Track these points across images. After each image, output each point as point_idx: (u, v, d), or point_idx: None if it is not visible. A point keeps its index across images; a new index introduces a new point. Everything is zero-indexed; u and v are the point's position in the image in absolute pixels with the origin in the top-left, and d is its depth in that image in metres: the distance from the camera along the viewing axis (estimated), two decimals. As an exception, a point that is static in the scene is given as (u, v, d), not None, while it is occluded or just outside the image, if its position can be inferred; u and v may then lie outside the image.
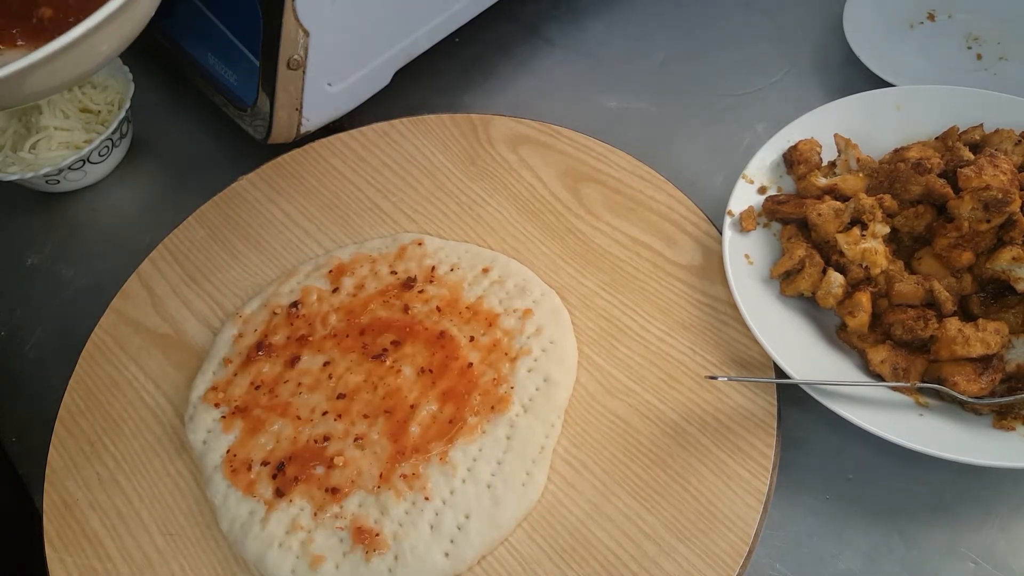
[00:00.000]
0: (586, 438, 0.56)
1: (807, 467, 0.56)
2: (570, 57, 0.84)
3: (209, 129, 0.83)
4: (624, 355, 0.59)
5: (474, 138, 0.74)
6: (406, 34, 0.75)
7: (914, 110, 0.65)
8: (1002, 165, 0.55)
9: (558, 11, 0.88)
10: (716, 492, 0.52)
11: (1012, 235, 0.54)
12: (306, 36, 0.66)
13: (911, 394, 0.54)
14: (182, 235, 0.72)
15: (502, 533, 0.52)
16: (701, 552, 0.50)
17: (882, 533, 0.53)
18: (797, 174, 0.64)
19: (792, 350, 0.55)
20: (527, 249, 0.66)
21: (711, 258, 0.63)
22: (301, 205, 0.72)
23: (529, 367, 0.58)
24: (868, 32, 0.76)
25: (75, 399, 0.63)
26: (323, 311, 0.63)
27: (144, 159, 0.82)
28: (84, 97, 0.79)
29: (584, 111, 0.78)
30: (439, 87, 0.83)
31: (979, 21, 0.77)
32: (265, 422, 0.58)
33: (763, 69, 0.79)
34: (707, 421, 0.55)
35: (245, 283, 0.68)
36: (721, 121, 0.76)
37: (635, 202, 0.67)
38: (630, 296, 0.62)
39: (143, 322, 0.67)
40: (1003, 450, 0.50)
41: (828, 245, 0.59)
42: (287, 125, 0.72)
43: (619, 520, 0.52)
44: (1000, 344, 0.53)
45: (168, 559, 0.55)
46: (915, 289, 0.56)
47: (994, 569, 0.51)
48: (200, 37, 0.76)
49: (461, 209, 0.70)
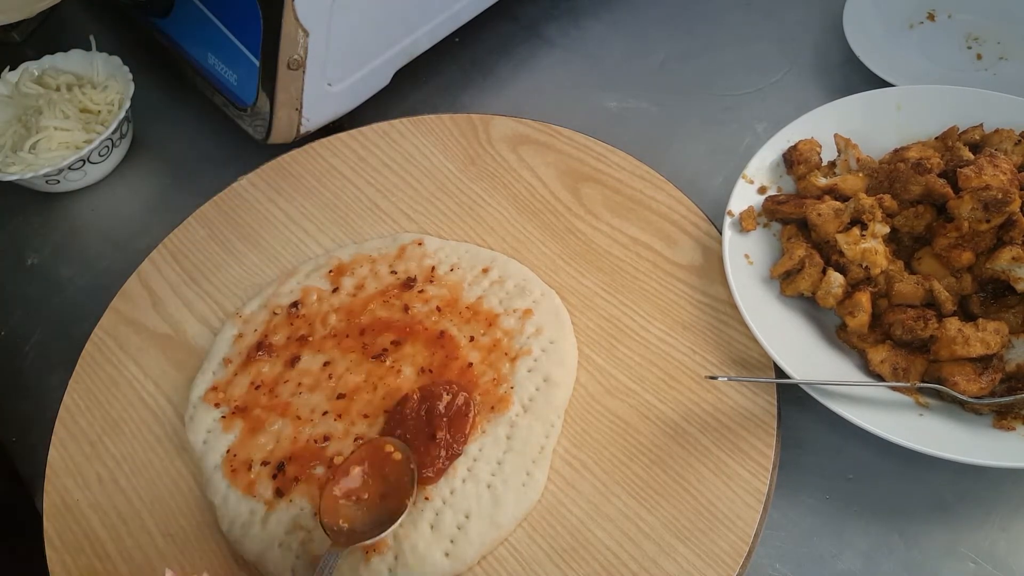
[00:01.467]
0: (586, 438, 0.56)
1: (807, 467, 0.56)
2: (570, 57, 0.84)
3: (209, 129, 0.83)
4: (624, 355, 0.59)
5: (474, 138, 0.74)
6: (406, 34, 0.75)
7: (914, 110, 0.65)
8: (1002, 165, 0.55)
9: (558, 11, 0.88)
10: (716, 492, 0.52)
11: (1012, 235, 0.54)
12: (306, 36, 0.66)
13: (911, 394, 0.54)
14: (182, 235, 0.72)
15: (502, 533, 0.52)
16: (701, 552, 0.50)
17: (882, 533, 0.53)
18: (797, 174, 0.64)
19: (792, 350, 0.55)
20: (527, 249, 0.66)
21: (711, 258, 0.63)
22: (301, 205, 0.72)
23: (529, 367, 0.58)
24: (868, 32, 0.76)
25: (75, 399, 0.63)
26: (323, 311, 0.63)
27: (144, 159, 0.82)
28: (84, 97, 0.79)
29: (584, 111, 0.78)
30: (439, 87, 0.83)
31: (979, 21, 0.77)
32: (265, 422, 0.58)
33: (763, 69, 0.79)
34: (707, 421, 0.55)
35: (245, 283, 0.68)
36: (721, 121, 0.76)
37: (635, 202, 0.67)
38: (630, 296, 0.62)
39: (143, 322, 0.67)
40: (1003, 450, 0.50)
41: (828, 245, 0.59)
42: (287, 125, 0.72)
43: (619, 520, 0.52)
44: (1000, 344, 0.53)
45: (168, 559, 0.55)
46: (915, 289, 0.56)
47: (994, 569, 0.51)
48: (200, 37, 0.76)
49: (461, 209, 0.70)
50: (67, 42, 0.84)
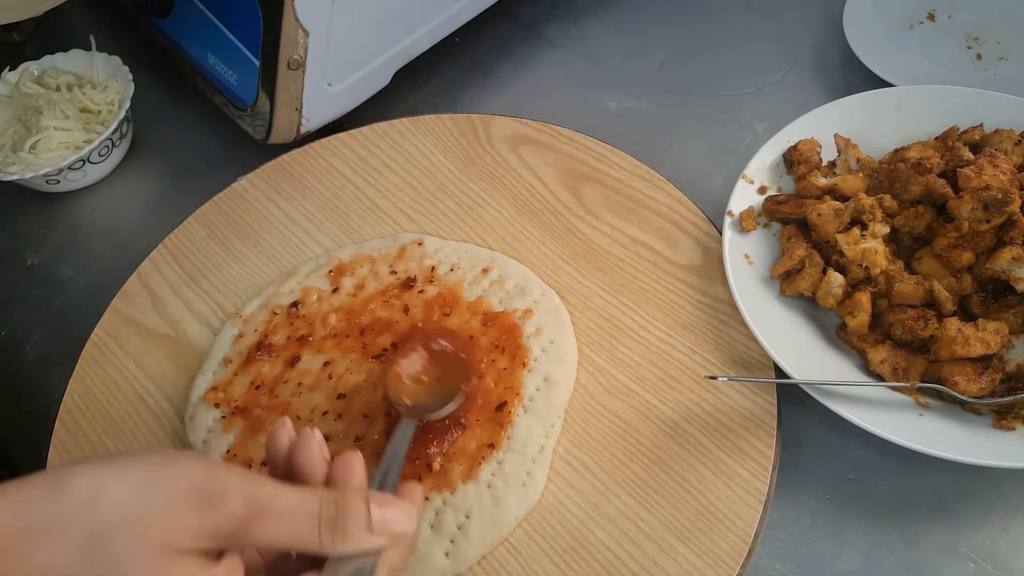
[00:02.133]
0: (586, 438, 0.56)
1: (807, 467, 0.56)
2: (570, 57, 0.84)
3: (209, 129, 0.83)
4: (624, 355, 0.59)
5: (474, 138, 0.74)
6: (406, 34, 0.75)
7: (914, 110, 0.65)
8: (1002, 165, 0.55)
9: (558, 11, 0.88)
10: (716, 492, 0.52)
11: (1012, 235, 0.54)
12: (306, 36, 0.66)
13: (911, 394, 0.54)
14: (182, 235, 0.72)
15: (502, 533, 0.52)
16: (701, 552, 0.50)
17: (882, 533, 0.53)
18: (797, 174, 0.64)
19: (792, 350, 0.55)
20: (527, 249, 0.66)
21: (711, 258, 0.63)
22: (301, 205, 0.72)
23: (529, 367, 0.58)
24: (868, 32, 0.76)
25: (75, 399, 0.63)
26: (323, 311, 0.63)
27: (144, 159, 0.82)
28: (84, 97, 0.79)
29: (584, 111, 0.78)
30: (439, 87, 0.83)
31: (979, 21, 0.77)
32: (265, 422, 0.58)
33: (763, 69, 0.79)
34: (707, 421, 0.55)
35: (245, 283, 0.68)
36: (721, 121, 0.76)
37: (635, 202, 0.67)
38: (630, 296, 0.62)
39: (143, 322, 0.67)
40: (1003, 450, 0.50)
41: (828, 245, 0.59)
42: (287, 125, 0.72)
43: (619, 520, 0.52)
44: (1000, 344, 0.53)
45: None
46: (915, 289, 0.56)
47: (994, 569, 0.51)
48: (200, 37, 0.76)
49: (461, 209, 0.70)
50: (67, 42, 0.84)
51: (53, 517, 0.34)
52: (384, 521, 0.39)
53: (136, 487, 0.35)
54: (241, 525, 0.36)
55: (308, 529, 0.37)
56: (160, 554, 0.34)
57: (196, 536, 0.35)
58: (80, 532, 0.34)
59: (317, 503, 0.38)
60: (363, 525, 0.38)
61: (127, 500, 0.35)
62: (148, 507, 0.35)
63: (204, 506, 0.36)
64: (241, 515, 0.36)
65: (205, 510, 0.36)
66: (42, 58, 0.83)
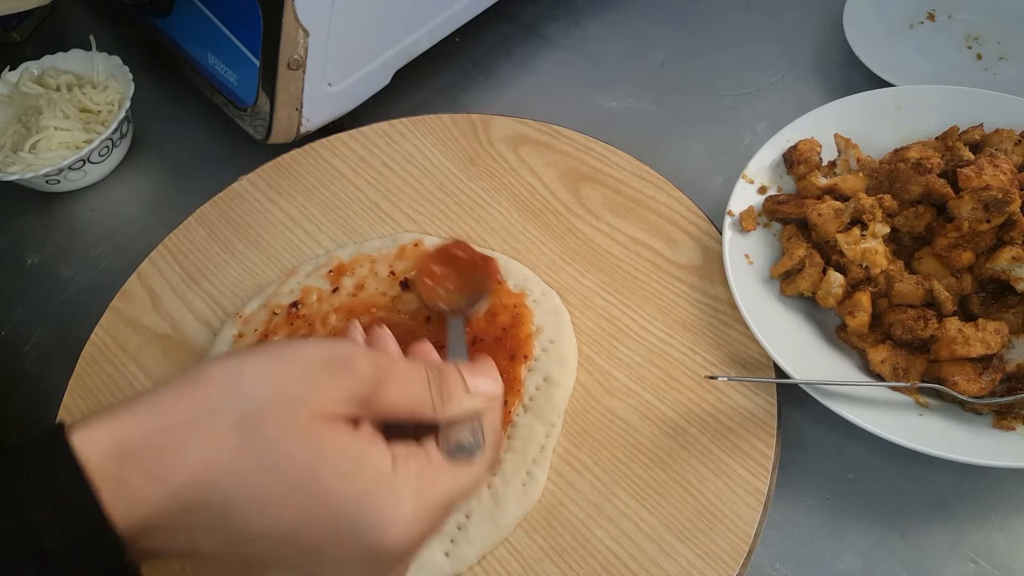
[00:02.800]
0: (586, 438, 0.56)
1: (807, 467, 0.56)
2: (570, 57, 0.84)
3: (209, 129, 0.83)
4: (624, 355, 0.59)
5: (474, 138, 0.74)
6: (406, 34, 0.75)
7: (914, 110, 0.65)
8: (1002, 165, 0.55)
9: (558, 11, 0.88)
10: (716, 492, 0.52)
11: (1012, 235, 0.54)
12: (306, 36, 0.66)
13: (911, 394, 0.54)
14: (182, 235, 0.72)
15: (502, 533, 0.52)
16: (701, 552, 0.50)
17: (882, 533, 0.53)
18: (797, 174, 0.64)
19: (792, 350, 0.55)
20: (527, 249, 0.66)
21: (711, 258, 0.63)
22: (301, 205, 0.72)
23: (529, 367, 0.58)
24: (868, 32, 0.76)
25: (75, 399, 0.63)
26: (323, 311, 0.63)
27: (144, 159, 0.82)
28: (84, 97, 0.79)
29: (584, 111, 0.78)
30: (439, 87, 0.83)
31: (979, 21, 0.78)
32: (265, 422, 0.58)
33: (763, 69, 0.79)
34: (707, 421, 0.55)
35: (245, 283, 0.68)
36: (721, 121, 0.76)
37: (635, 202, 0.67)
38: (630, 296, 0.62)
39: (143, 322, 0.67)
40: (1003, 450, 0.50)
41: (828, 245, 0.59)
42: (287, 125, 0.72)
43: (619, 520, 0.52)
44: (1000, 344, 0.53)
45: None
46: (915, 289, 0.56)
47: (994, 569, 0.51)
48: (200, 37, 0.76)
49: (461, 209, 0.70)
50: (67, 42, 0.84)
51: (200, 408, 0.35)
52: (477, 385, 0.42)
53: (272, 366, 0.37)
54: (372, 388, 0.38)
55: (423, 392, 0.40)
56: (310, 424, 0.35)
57: (338, 401, 0.37)
58: (229, 417, 0.35)
59: (424, 370, 0.41)
60: (462, 389, 0.41)
61: (268, 379, 0.36)
62: (289, 380, 0.36)
63: (339, 372, 0.37)
64: (372, 376, 0.38)
65: (341, 375, 0.37)
66: (42, 58, 0.83)
